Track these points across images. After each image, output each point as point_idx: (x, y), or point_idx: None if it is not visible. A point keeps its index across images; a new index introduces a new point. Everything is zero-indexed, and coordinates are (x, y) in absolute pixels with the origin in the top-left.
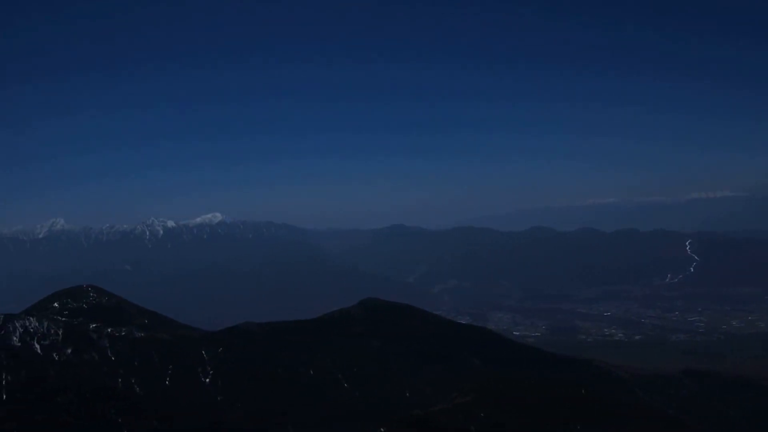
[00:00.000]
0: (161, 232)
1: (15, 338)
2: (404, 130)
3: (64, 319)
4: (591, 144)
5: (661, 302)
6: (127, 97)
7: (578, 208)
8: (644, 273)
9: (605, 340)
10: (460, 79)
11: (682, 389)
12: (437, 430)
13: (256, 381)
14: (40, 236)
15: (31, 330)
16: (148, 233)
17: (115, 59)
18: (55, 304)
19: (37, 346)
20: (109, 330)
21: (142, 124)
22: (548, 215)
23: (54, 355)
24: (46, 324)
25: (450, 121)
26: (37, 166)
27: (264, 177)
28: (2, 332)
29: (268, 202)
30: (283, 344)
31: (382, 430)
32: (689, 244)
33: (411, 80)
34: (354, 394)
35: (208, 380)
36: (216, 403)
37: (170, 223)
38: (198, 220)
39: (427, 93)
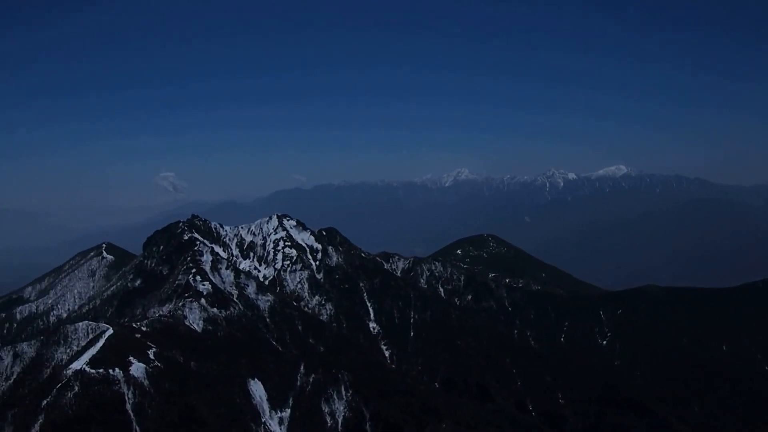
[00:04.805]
0: (561, 184)
1: (422, 281)
2: None
3: (465, 266)
4: None
5: None
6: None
7: None
8: None
9: None
10: None
11: None
12: None
13: (658, 349)
14: (447, 185)
15: (437, 274)
16: (548, 185)
17: None
18: (458, 251)
19: (441, 289)
20: (507, 280)
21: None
22: None
23: (455, 299)
24: (449, 270)
25: None
26: (447, 119)
27: (673, 125)
28: (411, 274)
29: (677, 153)
30: (691, 313)
31: None
32: None
33: None
34: None
35: (604, 342)
36: (612, 367)
37: (571, 175)
38: (600, 172)
39: None
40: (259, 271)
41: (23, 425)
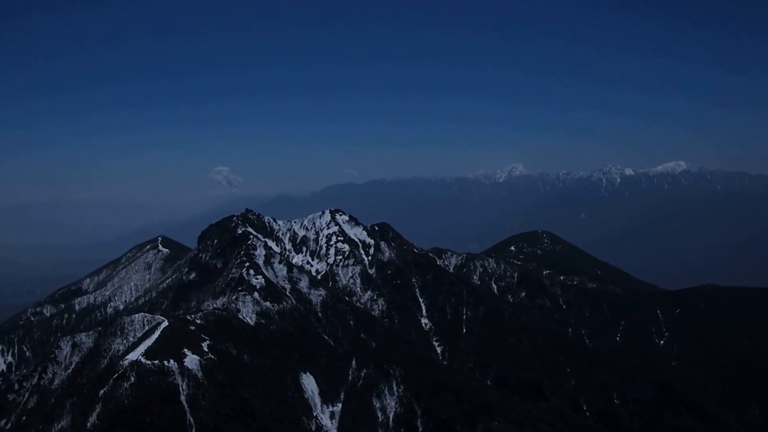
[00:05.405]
0: (618, 180)
1: (475, 277)
2: None
3: (519, 262)
4: None
5: None
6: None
7: None
8: None
9: None
10: None
11: None
12: None
13: (717, 350)
14: (500, 180)
15: (490, 270)
16: (604, 181)
17: None
18: (512, 248)
19: (494, 286)
20: (562, 278)
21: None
22: None
23: (509, 296)
24: (503, 266)
25: None
26: (501, 116)
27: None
28: (464, 270)
29: (741, 150)
30: (752, 313)
31: None
32: None
33: None
34: None
35: (662, 342)
36: (669, 367)
37: (628, 171)
38: (659, 168)
39: None
40: (311, 266)
41: (81, 414)
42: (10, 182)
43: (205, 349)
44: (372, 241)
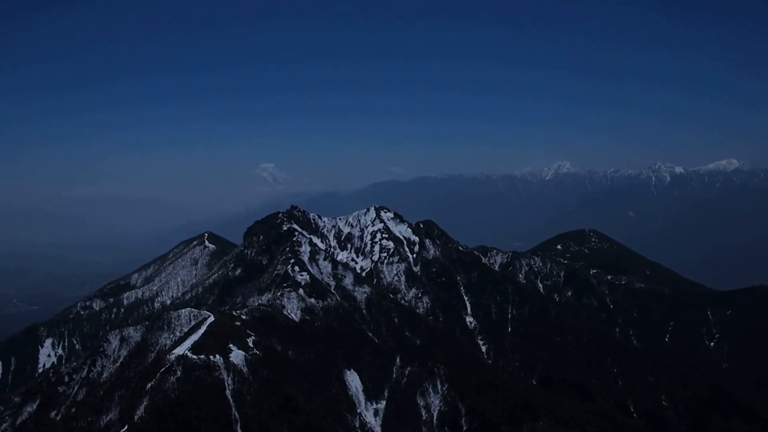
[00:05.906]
0: (668, 178)
1: (521, 275)
2: None
3: (565, 261)
4: None
5: None
6: None
7: None
8: None
9: None
10: None
11: None
12: None
13: None
14: (547, 178)
15: (536, 269)
16: (653, 179)
17: None
18: (558, 246)
19: (540, 285)
20: (609, 277)
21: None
22: None
23: (555, 295)
24: (549, 265)
25: None
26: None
27: None
28: (510, 269)
29: None
30: None
31: None
32: None
33: None
34: None
35: (712, 344)
36: (720, 369)
37: (678, 169)
38: (710, 166)
39: None
40: (356, 263)
41: (129, 406)
42: (60, 181)
43: (251, 344)
44: (417, 239)
